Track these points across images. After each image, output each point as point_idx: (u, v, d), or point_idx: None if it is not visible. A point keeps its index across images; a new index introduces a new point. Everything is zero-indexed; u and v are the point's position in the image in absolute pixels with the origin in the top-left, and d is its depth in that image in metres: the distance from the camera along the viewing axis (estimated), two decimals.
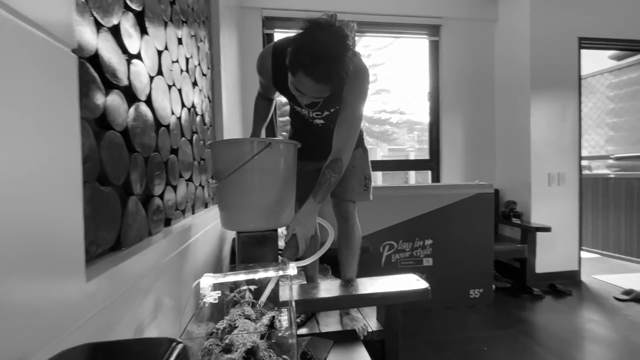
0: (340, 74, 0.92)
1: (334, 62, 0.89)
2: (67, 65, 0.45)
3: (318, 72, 0.89)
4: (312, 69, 0.89)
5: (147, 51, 0.81)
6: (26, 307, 0.37)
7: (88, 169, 0.54)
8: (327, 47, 0.88)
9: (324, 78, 0.91)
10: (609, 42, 2.81)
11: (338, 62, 0.89)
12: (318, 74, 0.90)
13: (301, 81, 0.93)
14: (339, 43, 0.89)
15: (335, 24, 0.91)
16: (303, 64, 0.90)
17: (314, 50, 0.87)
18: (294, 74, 0.94)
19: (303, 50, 0.89)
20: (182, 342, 0.37)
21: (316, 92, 0.96)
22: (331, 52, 0.88)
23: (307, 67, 0.89)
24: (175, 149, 1.02)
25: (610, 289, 2.54)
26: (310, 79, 0.91)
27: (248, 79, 2.51)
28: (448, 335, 1.89)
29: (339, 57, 0.89)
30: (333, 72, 0.90)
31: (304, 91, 0.97)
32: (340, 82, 0.95)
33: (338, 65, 0.89)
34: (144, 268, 0.69)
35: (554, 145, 2.73)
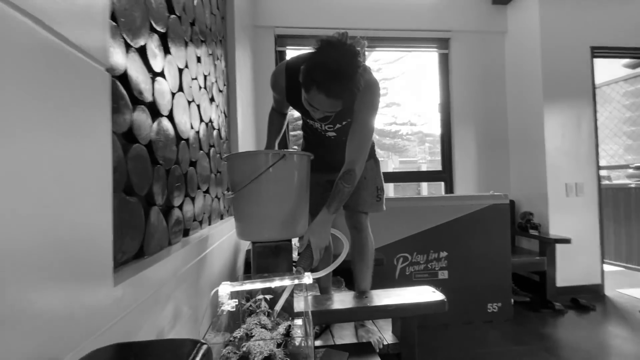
0: (352, 90, 0.96)
1: (346, 79, 0.93)
2: (101, 83, 0.49)
3: (331, 88, 0.94)
4: (325, 86, 0.94)
5: (169, 70, 0.85)
6: (60, 309, 0.40)
7: (116, 179, 0.57)
8: (339, 64, 0.92)
9: (336, 94, 0.95)
10: (622, 50, 2.78)
11: (350, 79, 0.93)
12: (331, 90, 0.94)
13: (314, 97, 0.98)
14: (351, 61, 0.93)
15: (347, 42, 0.95)
16: (317, 82, 0.94)
17: (327, 68, 0.92)
18: (307, 90, 0.98)
19: (317, 68, 0.94)
20: (206, 343, 0.38)
21: (329, 107, 1.00)
22: (343, 69, 0.92)
23: (321, 84, 0.94)
24: (194, 162, 1.06)
25: (636, 303, 2.42)
26: (323, 94, 0.95)
27: (261, 95, 2.58)
28: (466, 352, 1.83)
29: (351, 74, 0.93)
30: (345, 89, 0.95)
31: (317, 106, 1.01)
32: (352, 97, 1.00)
33: (350, 82, 0.94)
34: (165, 276, 0.71)
35: (570, 155, 2.68)
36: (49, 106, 0.38)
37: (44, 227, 0.37)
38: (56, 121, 0.39)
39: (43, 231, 0.37)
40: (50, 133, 0.38)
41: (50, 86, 0.38)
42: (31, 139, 0.35)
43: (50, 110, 0.38)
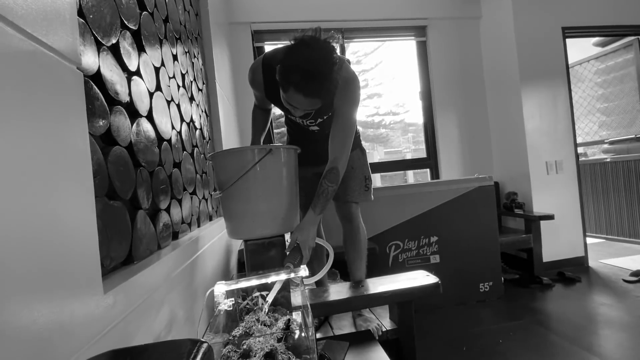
0: (330, 88, 0.96)
1: (322, 77, 0.92)
2: (74, 82, 0.46)
3: (308, 88, 0.93)
4: (302, 86, 0.93)
5: (145, 68, 0.83)
6: (48, 320, 0.38)
7: (98, 183, 0.55)
8: (314, 64, 0.91)
9: (314, 93, 0.95)
10: (593, 29, 2.87)
11: (326, 77, 0.92)
12: (308, 90, 0.93)
13: (292, 97, 0.97)
14: (326, 58, 0.92)
15: (321, 38, 0.93)
16: (293, 82, 0.93)
17: (303, 69, 0.91)
18: (284, 90, 0.98)
19: (292, 70, 0.92)
20: (206, 341, 0.37)
21: (308, 105, 0.99)
22: (319, 69, 0.91)
23: (298, 84, 0.93)
24: (178, 163, 1.03)
25: (619, 272, 2.54)
26: (300, 95, 0.94)
27: (242, 92, 2.54)
28: (462, 331, 1.88)
29: (327, 72, 0.92)
30: (322, 87, 0.94)
31: (295, 105, 1.00)
32: (330, 94, 0.99)
33: (327, 80, 0.93)
34: (156, 280, 0.69)
35: (548, 134, 2.76)
36: (18, 109, 0.36)
37: (24, 236, 0.35)
38: (27, 125, 0.37)
39: (23, 240, 0.35)
40: (22, 137, 0.36)
41: (17, 87, 0.36)
42: (1, 144, 0.33)
43: (19, 112, 0.36)
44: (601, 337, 1.72)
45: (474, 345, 1.73)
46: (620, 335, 1.71)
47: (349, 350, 0.98)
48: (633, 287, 2.24)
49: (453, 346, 1.73)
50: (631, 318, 1.85)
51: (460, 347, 1.72)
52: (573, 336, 1.72)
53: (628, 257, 2.89)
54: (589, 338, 1.70)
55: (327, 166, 1.06)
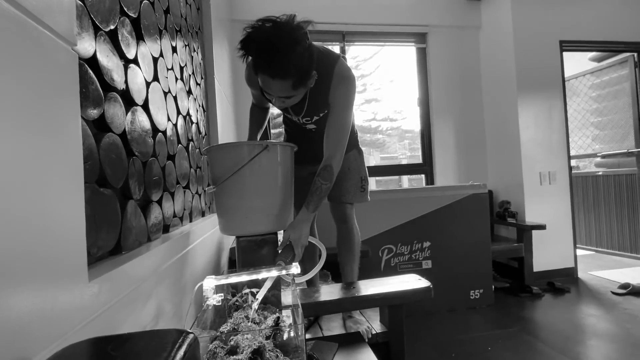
0: (298, 67, 0.89)
1: (281, 54, 0.86)
2: (68, 63, 0.45)
3: (271, 67, 0.89)
4: (265, 66, 0.89)
5: (143, 58, 0.81)
6: (28, 307, 0.36)
7: (88, 169, 0.54)
8: (271, 42, 0.86)
9: (278, 73, 0.89)
10: (589, 44, 2.92)
11: (285, 54, 0.86)
12: (271, 69, 0.89)
13: (264, 82, 0.94)
14: (287, 34, 0.87)
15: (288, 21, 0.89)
16: (257, 64, 0.90)
17: (261, 48, 0.87)
18: (256, 74, 0.95)
19: (251, 47, 0.88)
20: (193, 332, 0.36)
21: (279, 89, 0.94)
22: (277, 45, 0.86)
23: (259, 65, 0.90)
24: (172, 156, 1.02)
25: (607, 284, 2.56)
26: (267, 76, 0.91)
27: (241, 90, 2.53)
28: (451, 337, 1.88)
29: (286, 49, 0.86)
30: (286, 67, 0.88)
31: (269, 91, 0.96)
32: (301, 78, 0.93)
33: (286, 58, 0.87)
34: (145, 272, 0.67)
35: (543, 145, 2.79)
36: (6, 85, 0.35)
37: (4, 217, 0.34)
38: (15, 102, 0.36)
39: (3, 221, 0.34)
40: (9, 114, 0.35)
41: (8, 63, 0.35)
42: None
43: (7, 88, 0.35)
44: (588, 347, 1.73)
45: (463, 351, 1.72)
46: (607, 346, 1.72)
47: (338, 352, 0.97)
48: (621, 300, 2.26)
49: (442, 351, 1.73)
50: (619, 330, 1.86)
51: (449, 352, 1.71)
52: (561, 346, 1.73)
53: (617, 270, 2.92)
54: (577, 348, 1.71)
55: (322, 164, 1.05)
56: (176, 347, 0.33)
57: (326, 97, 1.10)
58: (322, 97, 1.11)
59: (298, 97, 1.03)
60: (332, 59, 1.10)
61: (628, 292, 2.33)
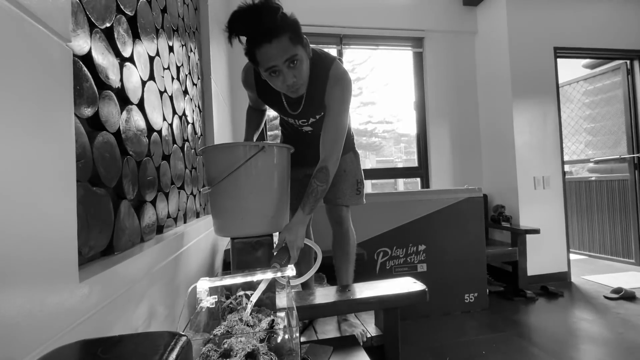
0: (287, 20, 0.91)
1: (268, 12, 0.88)
2: (62, 59, 0.44)
3: (263, 26, 0.89)
4: (258, 31, 0.89)
5: (139, 56, 0.81)
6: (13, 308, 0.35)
7: (81, 168, 0.53)
8: (253, 7, 0.88)
9: (273, 28, 0.89)
10: (583, 51, 2.96)
11: (273, 11, 0.88)
12: (264, 27, 0.89)
13: (264, 55, 0.92)
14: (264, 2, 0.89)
15: None
16: (249, 33, 0.91)
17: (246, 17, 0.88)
18: (255, 56, 0.94)
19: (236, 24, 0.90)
20: (185, 335, 0.36)
21: (280, 51, 0.92)
22: (260, 8, 0.88)
23: (253, 32, 0.90)
24: (167, 156, 1.01)
25: (600, 289, 2.58)
26: (266, 43, 0.90)
27: (237, 91, 2.52)
28: (446, 341, 1.87)
29: (270, 7, 0.88)
30: (277, 20, 0.89)
31: (274, 63, 0.94)
32: (295, 30, 0.94)
33: (275, 14, 0.88)
34: (137, 273, 0.66)
35: (537, 150, 2.82)
36: None
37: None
38: (7, 98, 0.35)
39: None
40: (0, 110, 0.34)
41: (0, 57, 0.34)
42: None
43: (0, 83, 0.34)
44: (581, 351, 1.74)
45: (457, 355, 1.72)
46: (599, 350, 1.73)
47: (333, 355, 0.96)
48: (614, 304, 2.28)
49: (436, 355, 1.72)
50: (611, 334, 1.87)
51: (444, 356, 1.71)
52: (554, 350, 1.73)
53: (610, 274, 2.95)
54: (570, 352, 1.72)
55: (318, 165, 1.05)
56: (168, 350, 0.32)
57: (322, 99, 1.10)
58: (318, 99, 1.11)
59: (304, 68, 1.00)
60: (328, 61, 1.10)
61: (620, 296, 2.35)
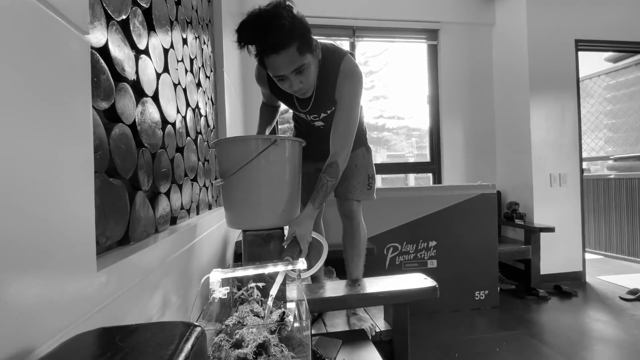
0: (294, 27, 0.90)
1: (276, 21, 0.88)
2: (80, 52, 0.45)
3: (271, 37, 0.89)
4: (265, 41, 0.90)
5: (154, 48, 0.81)
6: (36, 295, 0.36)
7: (98, 159, 0.54)
8: (260, 16, 0.88)
9: (280, 39, 0.89)
10: (605, 44, 2.85)
11: (280, 20, 0.88)
12: (272, 38, 0.89)
13: (272, 64, 0.94)
14: (271, 9, 0.89)
15: None
16: (258, 44, 0.91)
17: (254, 27, 0.89)
18: (264, 63, 0.95)
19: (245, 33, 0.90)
20: (200, 325, 0.36)
21: (288, 62, 0.93)
22: (265, 18, 0.88)
23: (261, 43, 0.91)
24: (181, 148, 1.02)
25: (616, 289, 2.52)
26: (272, 53, 0.91)
27: (250, 84, 2.52)
28: (455, 338, 1.87)
29: (277, 15, 0.89)
30: (284, 29, 0.89)
31: (282, 72, 0.95)
32: (303, 38, 0.93)
33: (282, 23, 0.88)
34: (152, 263, 0.68)
35: (554, 147, 2.75)
36: (19, 71, 0.34)
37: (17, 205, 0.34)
38: (28, 90, 0.36)
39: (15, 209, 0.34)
40: (22, 100, 0.35)
41: (21, 49, 0.34)
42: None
43: (20, 75, 0.34)
44: (594, 352, 1.71)
45: (466, 352, 1.71)
46: (613, 352, 1.69)
47: (342, 348, 0.97)
48: (630, 305, 2.23)
49: (445, 351, 1.72)
50: (626, 336, 1.83)
51: (453, 353, 1.71)
52: (566, 350, 1.70)
53: (626, 275, 2.87)
54: (582, 353, 1.69)
55: (328, 160, 1.05)
56: (184, 340, 0.32)
57: (333, 94, 1.09)
58: (329, 94, 1.10)
59: (311, 73, 1.00)
60: (338, 56, 1.09)
61: (637, 297, 2.29)
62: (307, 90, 1.04)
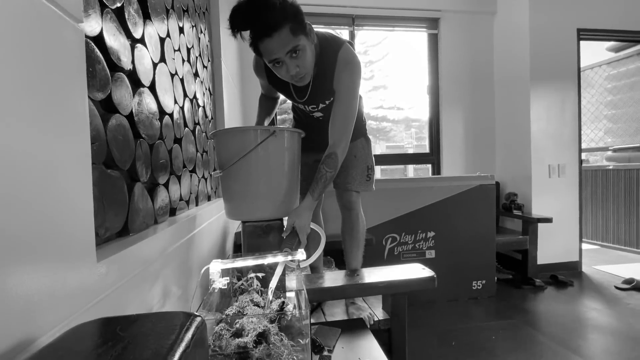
0: (286, 9, 0.89)
1: (265, 6, 0.86)
2: (74, 40, 0.44)
3: (263, 19, 0.87)
4: (258, 25, 0.88)
5: (150, 37, 0.80)
6: (37, 286, 0.37)
7: (95, 150, 0.53)
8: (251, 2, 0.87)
9: (272, 21, 0.88)
10: (608, 33, 2.82)
11: (271, 2, 0.87)
12: (265, 20, 0.87)
13: (267, 49, 0.91)
14: None
15: None
16: (251, 28, 0.89)
17: (246, 11, 0.87)
18: (258, 48, 0.93)
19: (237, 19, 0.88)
20: (200, 315, 0.36)
21: (282, 44, 0.91)
22: (258, 2, 0.87)
23: (254, 26, 0.89)
24: (179, 139, 1.01)
25: (611, 279, 2.55)
26: (265, 36, 0.89)
27: (248, 74, 2.49)
28: (452, 326, 1.89)
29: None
30: (276, 10, 0.87)
31: (277, 55, 0.93)
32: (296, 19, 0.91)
33: (273, 4, 0.87)
34: (152, 254, 0.68)
35: (554, 137, 2.74)
36: (13, 61, 0.34)
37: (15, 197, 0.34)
38: (23, 80, 0.35)
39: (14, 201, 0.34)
40: (17, 91, 0.34)
41: (15, 38, 0.34)
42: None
43: (14, 65, 0.34)
44: (589, 340, 1.74)
45: (463, 340, 1.74)
46: (608, 340, 1.72)
47: (341, 337, 0.98)
48: (625, 295, 2.26)
49: (442, 340, 1.75)
50: (620, 324, 1.86)
51: (450, 341, 1.73)
52: (561, 338, 1.73)
53: (622, 265, 2.91)
54: (577, 341, 1.72)
55: (326, 151, 1.04)
56: (184, 330, 0.33)
57: (331, 84, 1.08)
58: (327, 84, 1.09)
59: (308, 56, 0.98)
60: (336, 45, 1.07)
61: (632, 287, 2.32)
62: (305, 76, 1.02)
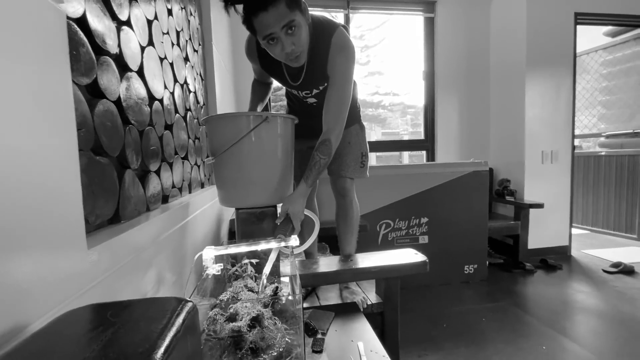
0: None
1: None
2: (55, 22, 0.42)
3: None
4: (252, 2, 0.86)
5: (137, 20, 0.77)
6: (26, 273, 0.36)
7: (82, 137, 0.52)
8: None
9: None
10: (606, 17, 2.79)
11: None
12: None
13: (261, 24, 0.89)
14: None
15: None
16: (248, 8, 0.87)
17: None
18: (252, 25, 0.91)
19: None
20: (192, 300, 0.37)
21: (277, 18, 0.89)
22: None
23: (250, 6, 0.87)
24: (170, 125, 1.00)
25: (599, 263, 2.62)
26: (259, 10, 0.87)
27: (240, 59, 2.44)
28: (444, 309, 1.94)
29: None
30: None
31: (272, 30, 0.91)
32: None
33: None
34: (144, 241, 0.68)
35: (548, 124, 2.75)
36: None
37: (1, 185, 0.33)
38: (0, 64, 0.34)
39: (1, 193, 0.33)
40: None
41: None
42: None
43: None
44: (575, 322, 1.79)
45: (454, 322, 1.79)
46: (594, 321, 1.78)
47: (334, 320, 1.00)
48: (612, 278, 2.32)
49: (434, 322, 1.79)
50: (607, 306, 1.92)
51: (441, 323, 1.78)
52: (548, 319, 1.79)
53: (610, 249, 2.97)
54: (564, 322, 1.77)
55: (320, 138, 1.03)
56: (175, 315, 0.33)
57: (324, 69, 1.06)
58: (321, 68, 1.07)
59: (303, 34, 0.96)
60: (330, 28, 1.05)
61: (619, 270, 2.39)
62: (300, 55, 0.99)
